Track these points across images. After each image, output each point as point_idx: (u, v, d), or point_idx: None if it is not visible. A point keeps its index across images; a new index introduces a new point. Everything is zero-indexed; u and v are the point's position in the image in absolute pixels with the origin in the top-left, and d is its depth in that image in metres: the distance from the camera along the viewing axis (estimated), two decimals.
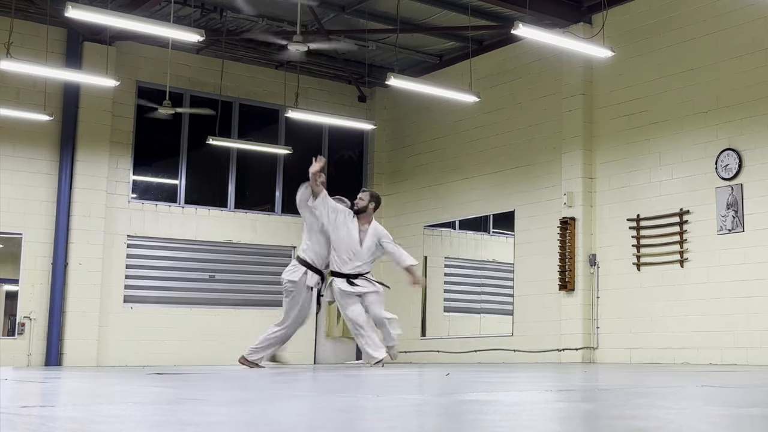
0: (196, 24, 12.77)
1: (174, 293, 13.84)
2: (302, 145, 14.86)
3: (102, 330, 12.99)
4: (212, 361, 13.52)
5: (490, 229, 14.32)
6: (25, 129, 12.69)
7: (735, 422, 2.53)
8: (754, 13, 10.50)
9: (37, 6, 12.39)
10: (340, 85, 15.61)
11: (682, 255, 11.00)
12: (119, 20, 9.27)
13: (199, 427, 2.41)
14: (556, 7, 12.23)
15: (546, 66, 12.93)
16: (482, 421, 2.59)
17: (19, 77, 12.28)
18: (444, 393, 4.07)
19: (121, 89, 13.04)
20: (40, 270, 12.73)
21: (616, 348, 11.63)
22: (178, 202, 14.02)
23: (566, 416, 2.78)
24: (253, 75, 14.76)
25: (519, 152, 13.33)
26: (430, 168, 14.87)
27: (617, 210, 11.85)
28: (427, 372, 7.53)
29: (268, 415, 2.90)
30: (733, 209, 10.52)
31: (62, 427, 2.37)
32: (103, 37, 13.00)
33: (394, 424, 2.48)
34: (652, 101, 11.56)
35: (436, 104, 14.34)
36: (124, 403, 3.44)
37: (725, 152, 10.66)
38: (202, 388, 4.83)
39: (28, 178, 12.77)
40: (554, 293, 12.33)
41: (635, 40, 11.77)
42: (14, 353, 12.40)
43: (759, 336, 10.11)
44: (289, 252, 14.85)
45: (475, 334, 13.95)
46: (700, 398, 3.60)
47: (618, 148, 11.92)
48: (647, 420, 2.53)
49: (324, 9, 12.82)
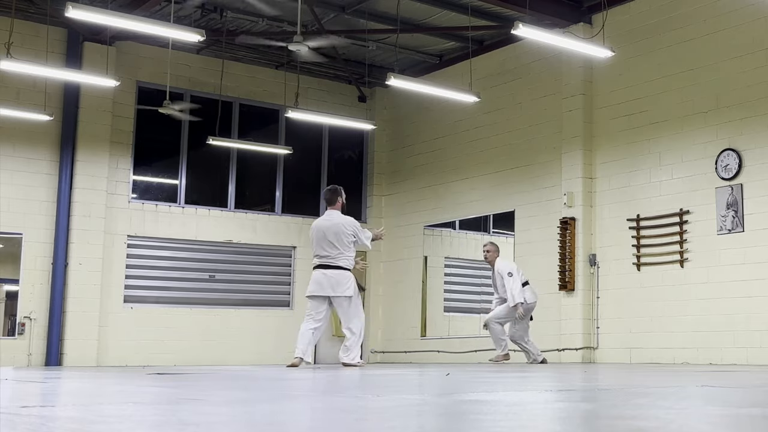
0: (196, 24, 12.77)
1: (174, 293, 13.85)
2: (302, 145, 14.88)
3: (102, 330, 12.99)
4: (212, 361, 13.53)
5: (490, 229, 14.31)
6: (25, 129, 12.69)
7: (735, 422, 2.53)
8: (754, 13, 10.50)
9: (37, 6, 12.39)
10: (340, 85, 15.61)
11: (682, 255, 11.00)
12: (119, 20, 9.27)
13: (199, 427, 2.41)
14: (556, 7, 12.24)
15: (546, 66, 12.94)
16: (482, 421, 2.59)
17: (19, 77, 12.29)
18: (444, 393, 4.07)
19: (121, 89, 13.05)
20: (40, 270, 12.74)
21: (616, 348, 11.64)
22: (178, 202, 14.03)
23: (566, 416, 2.78)
24: (253, 75, 14.76)
25: (519, 152, 13.34)
26: (430, 168, 14.87)
27: (617, 210, 11.85)
28: (427, 372, 7.53)
29: (268, 415, 2.90)
30: (733, 209, 10.52)
31: (62, 427, 2.37)
32: (103, 37, 13.00)
33: (394, 424, 2.48)
34: (652, 101, 11.56)
35: (436, 104, 14.35)
36: (124, 403, 3.44)
37: (725, 152, 10.66)
38: (202, 388, 4.83)
39: (28, 178, 12.77)
40: (554, 293, 12.33)
41: (635, 40, 11.77)
42: (14, 353, 12.41)
43: (759, 336, 10.12)
44: (289, 252, 14.85)
45: (475, 334, 13.94)
46: (700, 398, 3.60)
47: (618, 148, 11.92)
48: (647, 420, 2.53)
49: (324, 9, 12.82)
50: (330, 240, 9.16)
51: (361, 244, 9.39)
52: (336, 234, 9.15)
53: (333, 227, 9.17)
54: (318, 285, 9.22)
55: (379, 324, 15.47)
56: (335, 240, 9.14)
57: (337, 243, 9.14)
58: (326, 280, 9.17)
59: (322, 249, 9.22)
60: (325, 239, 9.17)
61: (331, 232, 9.16)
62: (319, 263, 9.26)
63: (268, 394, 4.14)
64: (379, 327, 15.47)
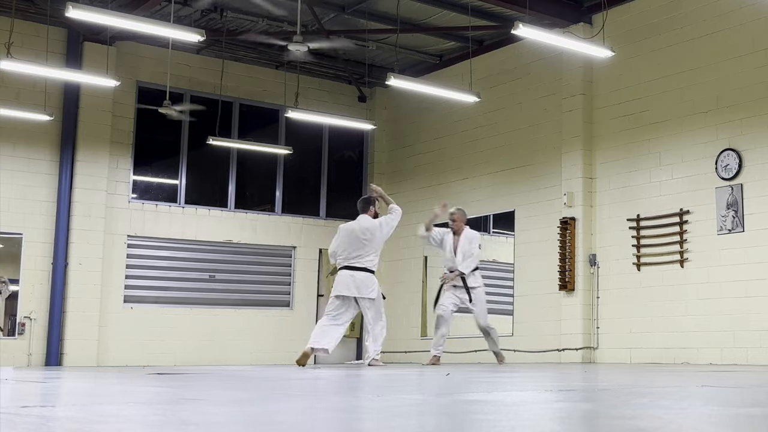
0: (196, 24, 12.77)
1: (174, 293, 13.84)
2: (302, 145, 14.88)
3: (102, 330, 12.99)
4: (212, 361, 13.53)
5: (490, 229, 14.31)
6: (25, 129, 12.69)
7: (735, 422, 2.53)
8: (754, 13, 10.50)
9: (37, 6, 12.39)
10: (340, 85, 15.61)
11: (682, 255, 11.00)
12: (119, 20, 9.27)
13: (199, 427, 2.41)
14: (556, 7, 12.24)
15: (546, 66, 12.93)
16: (482, 421, 2.59)
17: (19, 77, 12.28)
18: (444, 393, 4.07)
19: (121, 89, 13.05)
20: (40, 270, 12.73)
21: (616, 348, 11.63)
22: (178, 202, 14.03)
23: (566, 416, 2.78)
24: (253, 75, 14.76)
25: (519, 152, 13.34)
26: (430, 168, 14.87)
27: (617, 210, 11.85)
28: (427, 372, 7.53)
29: (268, 415, 2.90)
30: (733, 209, 10.52)
31: (62, 427, 2.37)
32: (103, 37, 13.00)
33: (394, 424, 2.48)
34: (652, 101, 11.56)
35: (436, 104, 14.34)
36: (124, 403, 3.44)
37: (725, 152, 10.66)
38: (202, 388, 4.83)
39: (28, 178, 12.76)
40: (554, 293, 12.33)
41: (635, 40, 11.77)
42: (14, 353, 12.41)
43: (759, 336, 10.11)
44: (289, 252, 14.85)
45: (475, 334, 13.93)
46: (700, 398, 3.60)
47: (618, 148, 11.92)
48: (647, 420, 2.53)
49: (324, 9, 12.82)
50: (362, 242, 9.53)
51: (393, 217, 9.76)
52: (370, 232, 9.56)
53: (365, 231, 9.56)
54: (344, 286, 9.52)
55: None
56: (368, 243, 9.55)
57: (369, 246, 9.55)
58: (352, 282, 9.50)
59: (354, 250, 9.55)
60: (358, 241, 9.53)
61: (362, 233, 9.54)
62: (346, 264, 9.57)
63: (268, 394, 4.14)
64: None
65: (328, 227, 15.23)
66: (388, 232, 9.75)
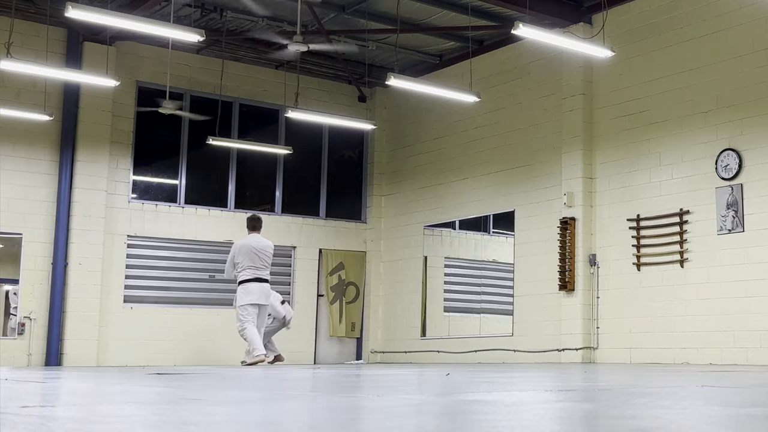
0: (196, 24, 12.77)
1: (174, 293, 13.84)
2: (302, 145, 14.87)
3: (102, 330, 12.98)
4: (212, 361, 13.53)
5: (490, 229, 14.32)
6: (25, 129, 12.69)
7: (735, 422, 2.53)
8: (754, 13, 10.50)
9: (37, 6, 12.39)
10: (340, 85, 15.60)
11: (682, 255, 11.01)
12: (119, 20, 9.27)
13: (199, 427, 2.41)
14: (556, 7, 12.24)
15: (546, 66, 12.94)
16: (482, 421, 2.59)
17: (19, 77, 12.28)
18: (444, 393, 4.07)
19: (121, 89, 13.04)
20: (40, 270, 12.73)
21: (616, 348, 11.63)
22: (178, 202, 14.02)
23: (566, 416, 2.78)
24: (253, 75, 14.75)
25: (519, 152, 13.33)
26: (430, 168, 14.87)
27: (617, 210, 11.85)
28: (427, 372, 7.53)
29: (268, 415, 2.90)
30: (733, 209, 10.52)
31: (62, 427, 2.37)
32: (103, 37, 13.00)
33: (394, 424, 2.48)
34: (652, 101, 11.57)
35: (436, 104, 14.35)
36: (124, 403, 3.44)
37: (725, 152, 10.66)
38: (202, 388, 4.83)
39: (28, 178, 12.76)
40: (554, 293, 12.34)
41: (635, 40, 11.77)
42: (14, 353, 12.41)
43: (759, 336, 10.12)
44: (289, 252, 14.85)
45: (475, 334, 13.95)
46: (700, 398, 3.60)
47: (618, 148, 11.93)
48: (647, 420, 2.53)
49: (324, 9, 12.82)
50: (262, 258, 11.49)
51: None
52: (268, 255, 11.60)
53: (265, 249, 11.58)
54: (260, 295, 11.43)
55: (379, 324, 15.47)
56: (267, 259, 11.58)
57: (267, 261, 11.59)
58: (263, 291, 11.46)
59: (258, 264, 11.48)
60: (258, 257, 11.45)
61: (263, 253, 11.52)
62: (256, 276, 11.43)
63: (268, 393, 4.14)
64: (379, 327, 15.47)
65: (328, 227, 15.24)
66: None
